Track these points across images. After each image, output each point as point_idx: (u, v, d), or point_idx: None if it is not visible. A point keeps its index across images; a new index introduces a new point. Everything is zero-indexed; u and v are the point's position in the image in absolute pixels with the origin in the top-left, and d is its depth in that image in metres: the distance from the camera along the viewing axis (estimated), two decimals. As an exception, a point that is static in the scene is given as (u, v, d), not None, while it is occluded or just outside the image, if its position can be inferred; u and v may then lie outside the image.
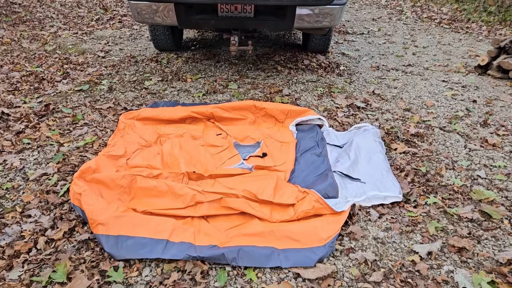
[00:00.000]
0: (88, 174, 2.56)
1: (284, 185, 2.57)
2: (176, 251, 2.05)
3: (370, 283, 1.98)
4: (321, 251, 2.12)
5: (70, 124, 3.50)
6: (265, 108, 3.51)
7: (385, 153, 3.02)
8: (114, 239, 2.10)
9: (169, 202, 2.39)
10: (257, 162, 2.90)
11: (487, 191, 2.68)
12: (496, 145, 3.27)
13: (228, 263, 2.02)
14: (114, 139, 3.12)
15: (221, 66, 4.99)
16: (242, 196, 2.40)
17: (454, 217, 2.46)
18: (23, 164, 2.91)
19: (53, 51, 5.51)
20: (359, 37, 6.66)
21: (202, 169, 2.76)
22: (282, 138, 3.25)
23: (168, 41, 5.28)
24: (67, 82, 4.42)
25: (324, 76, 4.75)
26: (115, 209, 2.25)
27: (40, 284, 1.92)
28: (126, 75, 4.68)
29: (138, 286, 1.94)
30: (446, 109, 3.96)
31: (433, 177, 2.85)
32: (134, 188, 2.45)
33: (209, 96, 4.12)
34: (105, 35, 6.46)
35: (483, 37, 6.85)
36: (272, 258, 2.06)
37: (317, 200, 2.39)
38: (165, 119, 3.42)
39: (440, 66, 5.28)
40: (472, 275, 2.01)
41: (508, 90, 4.46)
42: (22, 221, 2.35)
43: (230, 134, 3.28)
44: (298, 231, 2.20)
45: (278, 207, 2.41)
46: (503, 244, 2.25)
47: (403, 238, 2.29)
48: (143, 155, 2.90)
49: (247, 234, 2.19)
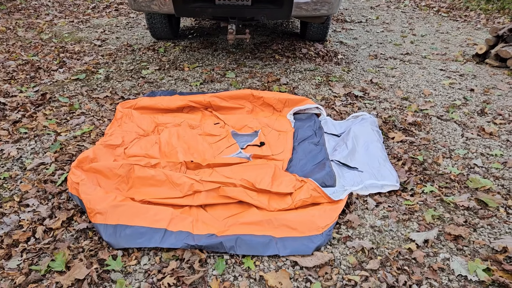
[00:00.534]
0: (85, 164, 2.56)
1: (282, 174, 2.57)
2: (174, 240, 2.06)
3: (367, 270, 2.00)
4: (318, 239, 2.13)
5: (67, 113, 3.49)
6: (263, 97, 3.50)
7: (382, 142, 3.02)
8: (112, 228, 2.11)
9: (167, 191, 2.39)
10: (255, 151, 2.90)
11: (483, 180, 2.69)
12: (493, 133, 3.28)
13: (226, 252, 2.04)
14: (112, 128, 3.11)
15: (219, 55, 4.97)
16: (240, 185, 2.41)
17: (450, 205, 2.48)
18: (20, 153, 2.91)
19: (49, 40, 5.47)
20: (357, 26, 6.63)
21: (200, 158, 2.77)
22: (280, 127, 3.25)
23: (165, 30, 5.24)
24: (64, 71, 4.40)
25: (322, 65, 4.73)
26: (113, 198, 2.25)
27: (39, 273, 1.93)
28: (123, 64, 4.66)
29: (136, 275, 1.95)
30: (443, 98, 3.96)
31: (430, 165, 2.86)
32: (132, 177, 2.45)
33: (207, 85, 4.10)
34: (101, 23, 6.41)
35: (481, 25, 6.82)
36: (270, 247, 2.07)
37: (315, 189, 2.40)
38: (162, 108, 3.41)
39: (438, 54, 5.27)
40: (468, 263, 2.03)
41: (506, 78, 4.46)
42: (20, 210, 2.35)
43: (228, 123, 3.28)
44: (295, 220, 2.22)
45: (276, 196, 2.42)
46: (498, 232, 2.27)
47: (400, 226, 2.30)
48: (141, 144, 2.89)
49: (245, 223, 2.20)
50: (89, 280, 1.90)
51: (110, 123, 3.25)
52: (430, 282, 1.94)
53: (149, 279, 1.92)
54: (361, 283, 1.93)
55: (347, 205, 2.42)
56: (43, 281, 1.90)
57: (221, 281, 1.92)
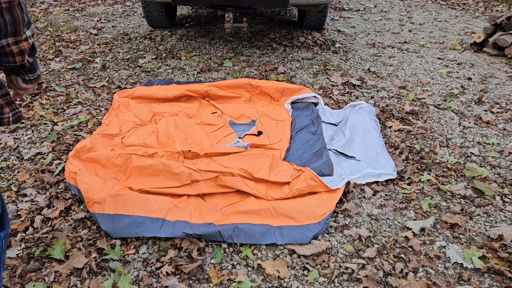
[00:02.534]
0: (83, 153, 2.55)
1: (279, 163, 2.58)
2: (172, 229, 2.07)
3: (364, 258, 2.02)
4: (316, 228, 2.14)
5: (64, 102, 3.47)
6: (260, 86, 3.49)
7: (380, 131, 3.03)
8: (110, 218, 2.11)
9: (165, 181, 2.39)
10: (253, 140, 2.90)
11: (480, 168, 2.70)
12: (490, 122, 3.29)
13: (224, 240, 2.05)
14: (109, 118, 3.10)
15: (216, 44, 4.94)
16: (238, 174, 2.41)
17: (447, 194, 2.49)
18: (17, 143, 2.90)
19: (44, 28, 5.42)
20: (355, 14, 6.59)
21: (198, 147, 2.76)
22: (277, 116, 3.24)
23: (162, 18, 5.20)
24: (60, 60, 4.37)
25: (320, 53, 4.71)
26: (111, 188, 2.25)
27: (38, 262, 1.94)
28: (120, 53, 4.62)
29: (135, 264, 1.96)
30: (441, 86, 3.96)
31: (427, 154, 2.87)
32: (130, 166, 2.45)
33: (204, 74, 4.09)
34: (97, 11, 6.35)
35: (479, 13, 6.79)
36: (267, 235, 2.08)
37: (312, 178, 2.41)
38: (159, 97, 3.40)
39: (436, 43, 5.25)
40: (464, 251, 2.05)
41: (504, 67, 4.45)
42: (18, 200, 2.36)
43: (225, 112, 3.27)
44: (293, 209, 2.23)
45: (273, 185, 2.43)
46: (494, 220, 2.28)
47: (396, 215, 2.32)
48: (138, 134, 2.89)
49: (242, 212, 2.21)
50: (88, 269, 1.91)
51: (107, 113, 3.24)
52: (426, 269, 1.96)
53: (148, 267, 1.94)
54: (358, 271, 1.95)
55: (344, 194, 2.43)
56: (42, 270, 1.91)
57: (219, 270, 1.93)
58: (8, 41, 1.11)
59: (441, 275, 1.92)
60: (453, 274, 1.94)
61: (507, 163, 2.78)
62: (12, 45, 1.12)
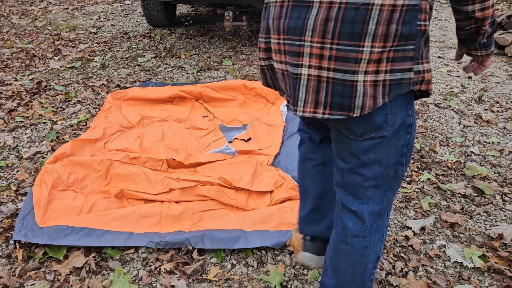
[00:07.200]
0: (62, 160, 2.48)
1: (263, 170, 2.50)
2: (139, 241, 2.02)
3: (364, 258, 2.01)
4: (290, 234, 2.03)
5: (63, 101, 3.47)
6: (255, 88, 3.42)
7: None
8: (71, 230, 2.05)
9: (142, 188, 2.36)
10: (241, 146, 2.84)
11: (480, 167, 2.70)
12: (490, 121, 3.29)
13: (194, 247, 2.00)
14: (96, 120, 3.06)
15: (215, 42, 4.93)
16: (217, 184, 2.34)
17: (447, 193, 2.49)
18: (17, 142, 2.89)
19: (43, 27, 5.41)
20: (355, 13, 6.57)
21: (185, 153, 2.70)
22: (270, 121, 3.16)
23: (161, 17, 5.19)
24: (59, 59, 4.36)
25: (320, 52, 4.70)
26: (79, 211, 2.18)
27: (37, 261, 1.93)
28: (119, 51, 4.62)
29: (134, 263, 1.96)
30: (441, 85, 3.96)
31: (427, 153, 2.87)
32: (111, 173, 2.42)
33: (203, 73, 4.08)
34: (96, 10, 6.34)
35: (479, 12, 6.78)
36: (239, 240, 2.01)
37: (293, 188, 2.33)
38: (152, 98, 3.34)
39: (436, 42, 5.25)
40: (464, 249, 2.05)
41: (504, 66, 4.45)
42: (17, 199, 2.35)
43: (217, 116, 3.22)
44: (269, 213, 2.16)
45: (255, 194, 2.36)
46: (494, 219, 2.28)
47: (396, 213, 2.32)
48: (122, 138, 2.84)
49: (216, 217, 2.17)
50: (88, 268, 1.90)
51: (96, 115, 3.19)
52: (426, 268, 1.96)
53: (147, 267, 1.93)
54: (358, 270, 1.94)
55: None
56: (42, 269, 1.91)
57: (220, 269, 1.93)
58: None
59: (441, 274, 1.92)
60: (453, 273, 1.94)
61: (507, 162, 2.78)
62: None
